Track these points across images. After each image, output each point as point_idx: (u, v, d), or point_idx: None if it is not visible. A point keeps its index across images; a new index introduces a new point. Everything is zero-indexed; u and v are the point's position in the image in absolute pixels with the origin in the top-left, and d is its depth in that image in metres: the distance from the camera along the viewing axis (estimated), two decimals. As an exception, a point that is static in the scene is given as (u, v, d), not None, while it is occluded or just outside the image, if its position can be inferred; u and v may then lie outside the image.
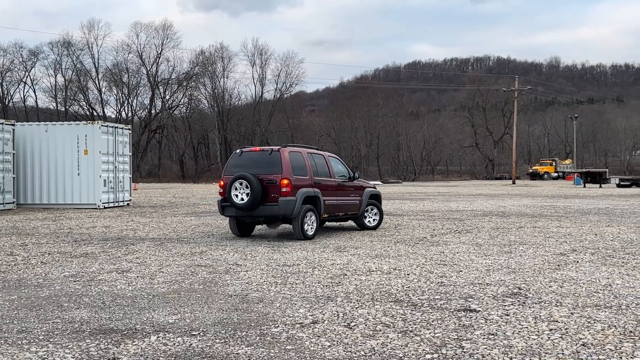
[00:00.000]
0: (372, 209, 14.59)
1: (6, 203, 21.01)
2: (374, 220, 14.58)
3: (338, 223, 15.62)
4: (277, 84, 79.12)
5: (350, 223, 15.73)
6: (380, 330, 5.58)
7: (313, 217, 12.54)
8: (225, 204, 12.46)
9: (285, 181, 12.03)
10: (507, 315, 6.12)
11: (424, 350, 5.01)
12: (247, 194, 12.01)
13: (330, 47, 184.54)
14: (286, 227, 14.05)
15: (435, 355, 4.87)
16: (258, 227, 14.21)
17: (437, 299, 6.88)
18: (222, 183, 12.55)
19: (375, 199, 14.76)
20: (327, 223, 14.82)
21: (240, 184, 12.08)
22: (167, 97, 77.16)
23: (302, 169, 12.57)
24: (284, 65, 78.45)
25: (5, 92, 73.37)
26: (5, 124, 21.37)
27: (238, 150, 13.00)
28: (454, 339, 5.31)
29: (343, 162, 14.54)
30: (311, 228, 12.50)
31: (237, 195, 12.12)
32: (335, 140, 78.13)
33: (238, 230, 13.09)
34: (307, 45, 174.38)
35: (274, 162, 12.22)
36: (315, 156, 13.33)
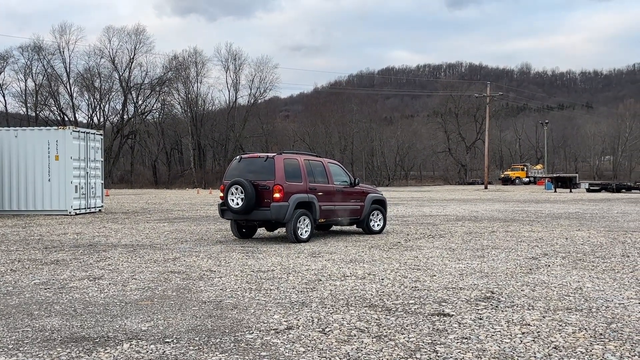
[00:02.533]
0: (377, 214, 14.86)
1: (-26, 210, 20.61)
2: (377, 225, 14.83)
3: (340, 227, 15.71)
4: (251, 89, 79.04)
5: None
6: (355, 336, 5.59)
7: (307, 222, 12.96)
8: (224, 208, 13.10)
9: (278, 187, 12.53)
10: (481, 319, 6.17)
11: (398, 354, 5.03)
12: (242, 199, 12.60)
13: (309, 53, 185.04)
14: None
15: (410, 360, 4.89)
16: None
17: (411, 303, 6.91)
18: (222, 187, 13.14)
19: (380, 204, 15.06)
20: (333, 227, 15.38)
21: (236, 189, 12.68)
22: (140, 102, 76.54)
23: (297, 175, 12.98)
24: (258, 70, 78.43)
25: (-26, 97, 72.02)
26: (-26, 129, 20.97)
27: (238, 157, 13.64)
28: (428, 343, 5.34)
29: (344, 169, 14.82)
30: (305, 232, 12.92)
31: (233, 200, 12.73)
32: (310, 145, 78.12)
33: (238, 233, 13.80)
34: (285, 50, 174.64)
35: (268, 169, 12.75)
36: (313, 163, 13.68)
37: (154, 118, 79.09)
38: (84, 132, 22.87)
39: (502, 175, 79.45)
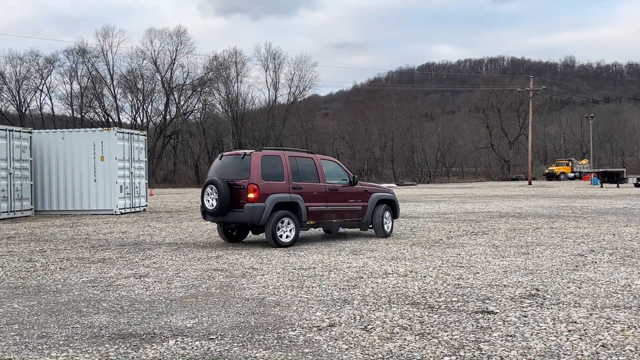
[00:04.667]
0: (387, 215, 13.75)
1: (24, 210, 21.23)
2: (387, 228, 13.68)
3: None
4: (290, 88, 79.33)
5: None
6: (397, 333, 5.58)
7: (291, 225, 11.91)
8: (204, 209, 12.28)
9: (252, 186, 11.55)
10: (525, 316, 6.08)
11: (441, 352, 5.00)
12: (216, 199, 11.73)
13: (351, 50, 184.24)
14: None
15: (453, 358, 4.86)
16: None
17: (454, 301, 6.85)
18: None
19: (389, 204, 13.88)
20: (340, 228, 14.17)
21: (211, 189, 11.84)
22: (182, 102, 77.66)
23: (278, 174, 11.96)
24: (297, 69, 78.64)
25: (22, 100, 74.17)
26: (23, 132, 21.61)
27: (220, 155, 12.83)
28: (472, 340, 5.29)
29: (343, 166, 13.81)
30: (286, 236, 11.84)
31: (208, 201, 11.92)
32: (349, 143, 78.10)
33: (225, 236, 12.89)
34: (328, 47, 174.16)
35: (244, 167, 11.83)
36: (300, 160, 12.61)
37: (195, 118, 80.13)
38: (128, 133, 23.33)
39: (547, 171, 77.94)
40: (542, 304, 6.63)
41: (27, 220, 19.99)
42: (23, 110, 73.47)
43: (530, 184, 57.34)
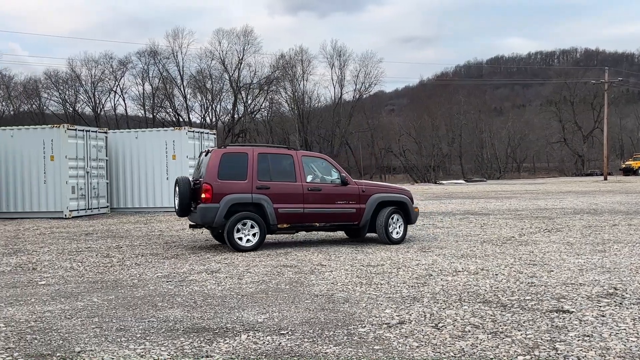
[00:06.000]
0: (396, 219, 12.00)
1: (101, 207, 22.07)
2: (397, 233, 11.97)
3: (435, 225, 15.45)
4: (355, 85, 79.14)
5: (434, 223, 15.54)
6: (469, 331, 5.49)
7: (255, 228, 11.04)
8: None
9: (206, 186, 10.90)
10: (603, 316, 5.87)
11: (515, 351, 4.89)
12: (177, 199, 11.46)
13: (419, 44, 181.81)
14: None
15: (528, 357, 4.75)
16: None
17: (528, 299, 6.69)
18: None
19: (399, 206, 12.16)
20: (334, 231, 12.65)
21: (176, 187, 11.56)
22: (249, 101, 78.80)
23: (240, 172, 11.12)
24: (363, 65, 78.34)
25: (97, 102, 77.03)
26: (99, 132, 22.47)
27: (204, 151, 12.15)
28: (547, 340, 5.15)
29: (334, 164, 12.29)
30: (247, 240, 11.03)
31: (175, 200, 11.65)
32: (416, 139, 77.26)
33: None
34: (396, 42, 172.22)
35: (205, 165, 11.24)
36: (273, 157, 11.65)
37: (262, 116, 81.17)
38: (198, 132, 23.87)
39: (623, 166, 74.81)
40: (620, 303, 6.38)
41: (104, 217, 20.77)
42: (98, 111, 76.29)
43: (605, 179, 55.26)
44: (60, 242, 13.30)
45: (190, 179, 11.84)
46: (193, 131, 23.55)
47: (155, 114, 77.44)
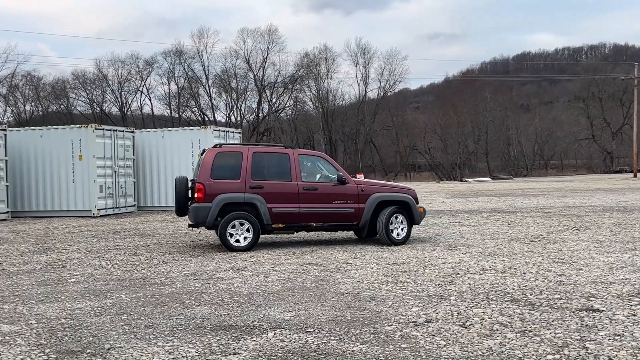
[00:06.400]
0: (399, 219, 11.56)
1: (128, 206, 22.32)
2: (397, 234, 11.50)
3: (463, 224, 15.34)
4: (380, 82, 78.88)
5: (459, 221, 15.43)
6: (497, 330, 5.44)
7: (247, 227, 10.91)
8: None
9: (199, 185, 10.93)
10: (635, 315, 5.78)
11: (544, 350, 4.84)
12: (175, 197, 11.64)
13: (445, 41, 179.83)
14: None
15: (557, 356, 4.69)
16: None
17: (557, 298, 6.61)
18: None
19: (402, 206, 11.71)
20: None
21: (175, 187, 11.70)
22: (274, 100, 79.06)
23: (234, 172, 11.06)
24: (387, 63, 78.05)
25: (124, 101, 77.92)
26: (126, 132, 22.72)
27: (203, 150, 12.19)
28: (577, 339, 5.09)
29: (333, 163, 11.99)
30: (239, 239, 10.94)
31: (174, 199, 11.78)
32: (441, 136, 76.76)
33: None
34: (421, 39, 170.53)
35: (200, 164, 11.28)
36: (268, 156, 11.63)
37: (287, 115, 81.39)
38: (224, 131, 24.01)
39: (654, 162, 73.52)
40: (653, 302, 6.27)
41: (131, 216, 21.00)
42: (125, 111, 77.17)
43: (635, 176, 54.32)
44: (88, 240, 13.48)
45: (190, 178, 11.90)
46: (219, 130, 23.70)
47: (180, 113, 78.09)
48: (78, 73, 74.53)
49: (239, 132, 25.49)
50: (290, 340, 5.30)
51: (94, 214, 20.37)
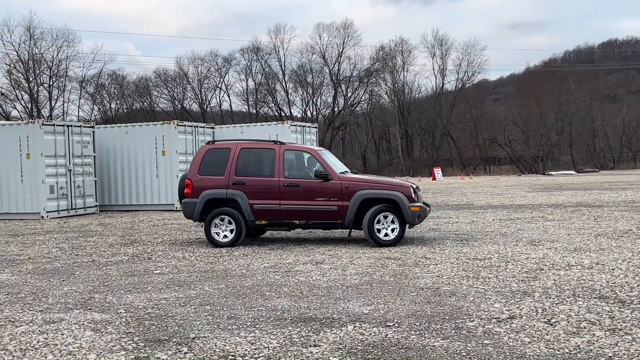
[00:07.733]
0: (388, 218, 10.68)
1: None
2: (385, 235, 10.64)
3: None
4: (458, 74, 77.38)
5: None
6: (584, 328, 5.25)
7: (232, 224, 10.97)
8: None
9: (187, 181, 11.27)
10: None
11: (636, 350, 4.63)
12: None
13: (527, 30, 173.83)
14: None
15: (651, 357, 4.47)
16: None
17: (649, 296, 6.30)
18: None
19: (390, 204, 10.75)
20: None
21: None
22: (349, 94, 79.05)
23: (220, 168, 11.12)
24: (465, 54, 76.46)
25: (204, 98, 79.94)
26: (207, 128, 23.32)
27: None
28: (673, 340, 4.84)
29: (319, 158, 11.23)
30: (224, 235, 11.04)
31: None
32: (522, 128, 74.57)
33: None
34: (503, 28, 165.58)
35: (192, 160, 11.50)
36: (255, 152, 11.43)
37: (362, 109, 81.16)
38: (301, 126, 24.25)
39: None
40: None
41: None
42: (205, 108, 79.15)
43: None
44: (172, 233, 13.93)
45: None
46: (295, 125, 23.95)
47: (258, 109, 79.38)
48: (160, 71, 77.09)
49: (315, 127, 25.66)
50: (370, 334, 5.30)
51: (177, 208, 20.99)
